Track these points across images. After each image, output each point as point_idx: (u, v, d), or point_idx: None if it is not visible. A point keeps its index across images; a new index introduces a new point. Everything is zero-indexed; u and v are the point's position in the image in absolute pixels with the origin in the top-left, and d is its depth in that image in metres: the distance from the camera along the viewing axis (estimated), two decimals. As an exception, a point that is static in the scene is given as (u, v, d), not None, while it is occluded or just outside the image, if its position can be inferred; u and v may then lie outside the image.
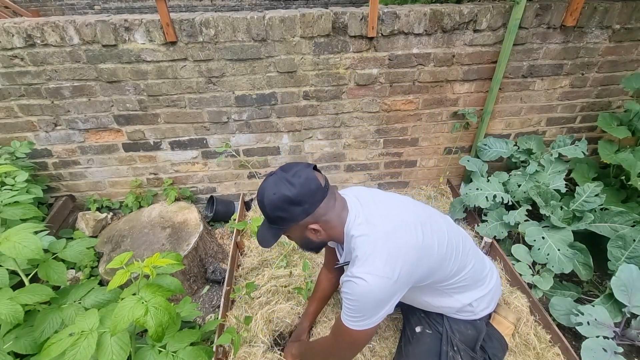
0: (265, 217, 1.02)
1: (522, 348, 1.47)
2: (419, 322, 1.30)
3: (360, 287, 0.93)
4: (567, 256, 1.64)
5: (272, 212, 0.96)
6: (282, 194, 0.93)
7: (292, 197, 0.93)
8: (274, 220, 0.99)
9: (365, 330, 0.99)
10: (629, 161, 1.77)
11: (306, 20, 1.73)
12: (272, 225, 1.01)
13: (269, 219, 1.01)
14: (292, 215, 0.96)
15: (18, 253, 1.00)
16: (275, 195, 0.94)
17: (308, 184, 0.95)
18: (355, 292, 0.94)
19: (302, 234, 1.04)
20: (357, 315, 0.97)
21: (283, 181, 0.94)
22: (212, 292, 1.90)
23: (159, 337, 0.94)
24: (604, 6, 1.82)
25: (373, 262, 0.94)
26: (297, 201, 0.94)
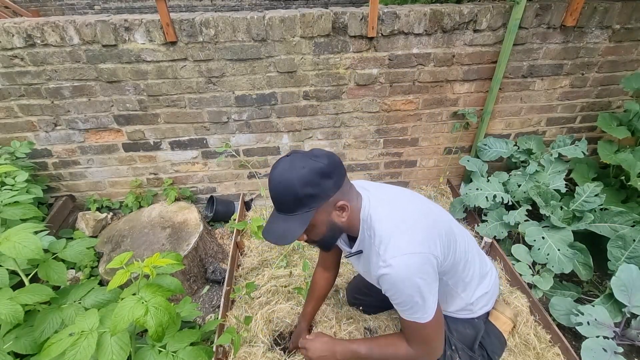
0: (285, 204, 0.87)
1: (522, 348, 1.48)
2: None
3: (401, 272, 0.87)
4: (567, 256, 1.64)
5: (302, 189, 0.83)
6: (312, 166, 0.84)
7: (324, 168, 0.84)
8: (302, 200, 0.85)
9: (437, 314, 0.93)
10: (628, 161, 1.77)
11: (306, 20, 1.73)
12: (296, 213, 0.87)
13: (293, 204, 0.86)
14: (323, 190, 0.86)
15: (18, 253, 1.00)
16: (304, 168, 0.83)
17: (332, 156, 0.88)
18: (397, 280, 0.87)
19: (328, 216, 0.92)
20: (418, 304, 0.90)
21: (306, 157, 0.85)
22: (212, 292, 1.90)
23: (159, 337, 0.94)
24: (604, 6, 1.82)
25: (400, 242, 0.89)
26: (329, 172, 0.85)
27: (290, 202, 0.86)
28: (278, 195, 0.87)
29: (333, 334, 1.54)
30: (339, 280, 1.80)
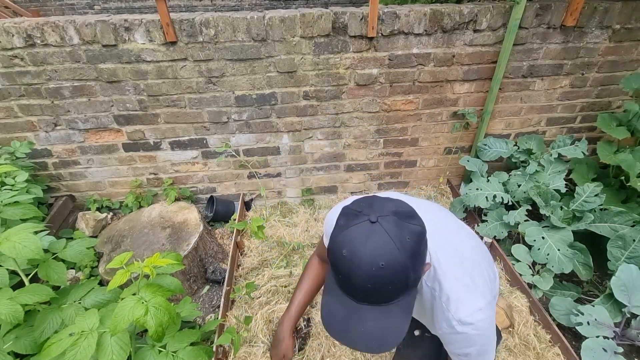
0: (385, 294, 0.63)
1: (522, 348, 1.48)
2: (417, 325, 1.28)
3: (481, 329, 0.76)
4: (567, 256, 1.64)
5: (415, 268, 0.63)
6: (415, 232, 0.64)
7: (424, 231, 0.66)
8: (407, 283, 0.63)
9: None
10: (628, 162, 1.77)
11: (306, 20, 1.73)
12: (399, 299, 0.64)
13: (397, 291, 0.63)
14: (424, 260, 0.67)
15: (18, 253, 1.00)
16: (411, 239, 0.63)
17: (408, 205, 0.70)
18: (478, 338, 0.77)
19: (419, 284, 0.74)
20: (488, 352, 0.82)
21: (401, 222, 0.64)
22: (212, 292, 1.90)
23: (159, 337, 0.94)
24: (604, 6, 1.82)
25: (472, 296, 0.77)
26: (425, 233, 0.67)
27: (395, 289, 0.62)
28: (378, 285, 0.61)
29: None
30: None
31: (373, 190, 2.48)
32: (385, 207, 0.66)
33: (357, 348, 0.65)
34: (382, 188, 2.48)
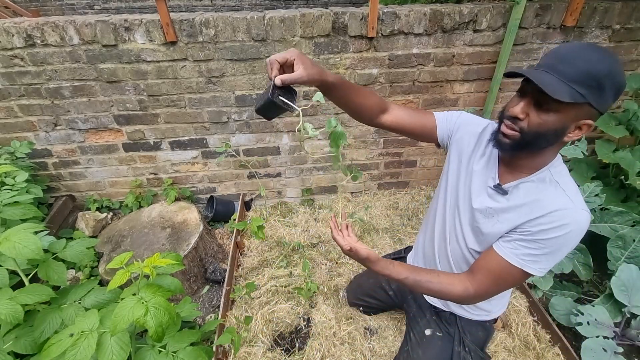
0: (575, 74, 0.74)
1: (522, 348, 1.48)
2: (428, 324, 1.26)
3: (582, 224, 0.82)
4: (567, 256, 1.64)
5: (603, 77, 0.72)
6: (623, 77, 0.75)
7: (622, 86, 0.75)
8: (590, 83, 0.73)
9: None
10: (627, 160, 1.77)
11: (306, 20, 1.73)
12: (573, 85, 0.74)
13: (580, 76, 0.73)
14: (605, 99, 0.75)
15: (18, 253, 1.00)
16: (620, 72, 0.74)
17: None
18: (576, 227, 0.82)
19: (570, 121, 0.78)
20: (553, 257, 0.85)
21: (622, 65, 0.78)
22: (212, 292, 1.90)
23: (159, 337, 0.94)
24: (604, 6, 1.82)
25: (582, 200, 0.85)
26: (619, 93, 0.76)
27: (582, 72, 0.73)
28: (577, 57, 0.74)
29: (332, 334, 1.54)
30: (338, 280, 1.80)
31: (373, 190, 2.48)
32: None
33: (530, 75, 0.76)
34: (382, 188, 2.48)
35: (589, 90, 0.73)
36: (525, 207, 0.89)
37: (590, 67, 0.72)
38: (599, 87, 0.73)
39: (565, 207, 0.83)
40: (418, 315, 1.32)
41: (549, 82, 0.74)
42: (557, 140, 0.82)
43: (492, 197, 0.96)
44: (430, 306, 1.31)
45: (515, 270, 0.89)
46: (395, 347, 1.50)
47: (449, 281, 0.99)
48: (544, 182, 0.88)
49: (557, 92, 0.73)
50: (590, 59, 0.73)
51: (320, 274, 1.85)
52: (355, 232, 2.13)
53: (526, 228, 0.88)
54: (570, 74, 0.74)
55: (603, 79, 0.72)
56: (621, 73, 0.74)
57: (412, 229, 2.17)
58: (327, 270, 1.87)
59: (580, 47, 0.76)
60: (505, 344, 1.49)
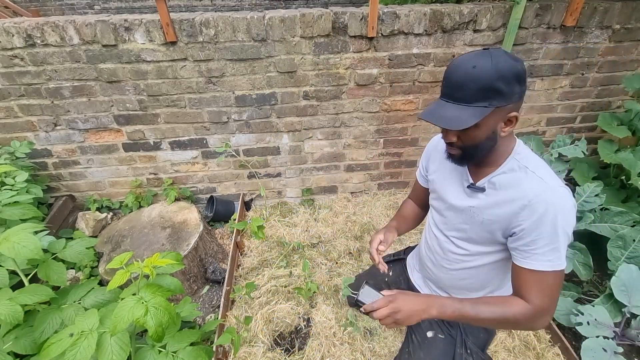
0: (466, 92, 0.81)
1: (522, 348, 1.48)
2: (430, 326, 1.25)
3: (566, 199, 0.83)
4: (567, 256, 1.64)
5: (496, 81, 0.78)
6: (512, 64, 0.79)
7: (521, 72, 0.80)
8: (488, 92, 0.79)
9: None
10: (629, 161, 1.77)
11: (306, 20, 1.73)
12: (473, 104, 0.81)
13: (476, 93, 0.80)
14: (511, 92, 0.81)
15: (17, 253, 1.00)
16: (505, 63, 0.78)
17: (523, 63, 0.83)
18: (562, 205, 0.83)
19: (495, 123, 0.85)
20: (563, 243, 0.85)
21: (507, 56, 0.81)
22: (212, 292, 1.90)
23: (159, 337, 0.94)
24: (604, 6, 1.82)
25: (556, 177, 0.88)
26: (523, 79, 0.82)
27: (475, 90, 0.80)
28: (464, 80, 0.81)
29: (332, 334, 1.54)
30: (338, 280, 1.80)
31: (373, 190, 2.48)
32: (507, 52, 0.83)
33: (432, 121, 0.86)
34: (382, 188, 2.48)
35: (490, 99, 0.81)
36: (504, 199, 0.92)
37: (479, 82, 0.79)
38: (497, 90, 0.80)
39: (542, 191, 0.86)
40: None
41: (451, 117, 0.84)
42: (495, 141, 0.89)
43: (471, 196, 1.01)
44: None
45: (547, 274, 0.88)
46: (395, 347, 1.50)
47: (503, 300, 0.94)
48: (514, 170, 0.92)
49: (461, 123, 0.82)
50: (474, 75, 0.80)
51: (320, 274, 1.85)
52: (355, 232, 2.14)
53: (519, 225, 0.89)
54: (466, 97, 0.82)
55: (495, 83, 0.79)
56: (507, 62, 0.80)
57: (413, 230, 2.16)
58: (327, 270, 1.87)
59: (463, 67, 0.82)
60: (505, 344, 1.49)
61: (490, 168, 0.95)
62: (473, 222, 1.00)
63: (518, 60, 0.82)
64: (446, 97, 0.87)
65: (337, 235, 2.12)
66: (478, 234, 1.01)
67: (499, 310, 0.92)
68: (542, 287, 0.90)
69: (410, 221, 1.34)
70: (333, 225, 2.20)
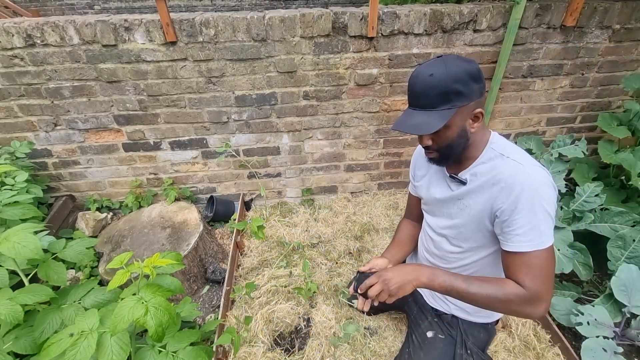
0: (428, 99, 0.89)
1: (522, 348, 1.48)
2: (430, 327, 1.26)
3: (541, 176, 0.89)
4: (567, 256, 1.64)
5: (453, 84, 0.85)
6: (465, 67, 0.86)
7: (474, 71, 0.87)
8: (448, 95, 0.87)
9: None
10: (629, 161, 1.77)
11: (306, 20, 1.73)
12: (437, 108, 0.88)
13: (437, 98, 0.88)
14: (470, 92, 0.88)
15: (17, 253, 1.00)
16: (458, 67, 0.86)
17: (477, 65, 0.90)
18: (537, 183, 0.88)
19: (462, 122, 0.92)
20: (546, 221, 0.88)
21: (458, 59, 0.88)
22: (212, 292, 1.90)
23: (159, 337, 0.94)
24: (604, 6, 1.82)
25: (532, 160, 0.93)
26: (478, 77, 0.88)
27: (435, 96, 0.88)
28: (424, 88, 0.88)
29: (332, 334, 1.54)
30: (338, 280, 1.80)
31: (373, 190, 2.48)
32: (458, 55, 0.92)
33: (401, 129, 0.93)
34: (382, 188, 2.48)
35: (452, 101, 0.88)
36: (487, 186, 0.97)
37: (438, 88, 0.86)
38: (456, 92, 0.86)
39: (517, 171, 0.91)
40: (419, 318, 1.32)
41: (420, 123, 0.91)
42: (467, 138, 0.96)
43: (454, 188, 1.06)
44: (431, 308, 1.31)
45: (534, 254, 0.89)
46: (395, 347, 1.50)
47: (496, 280, 0.95)
48: (492, 159, 0.98)
49: (430, 127, 0.89)
50: (432, 82, 0.87)
51: (320, 274, 1.85)
52: (355, 232, 2.14)
53: (499, 208, 0.93)
54: (430, 103, 0.89)
55: (452, 86, 0.86)
56: (459, 65, 0.86)
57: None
58: (327, 270, 1.87)
59: (421, 77, 0.89)
60: (505, 344, 1.49)
61: (469, 161, 1.02)
62: (462, 215, 1.04)
63: (470, 61, 0.89)
64: (413, 106, 0.94)
65: (337, 235, 2.12)
66: (468, 227, 1.04)
67: (491, 288, 0.92)
68: (529, 269, 0.91)
69: (407, 244, 1.38)
70: (333, 225, 2.20)
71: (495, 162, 0.97)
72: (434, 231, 1.19)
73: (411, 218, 1.41)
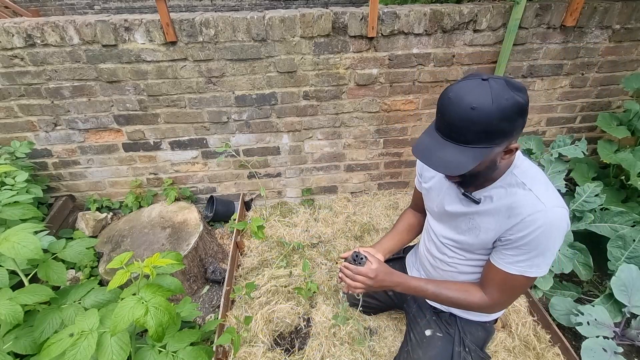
0: (466, 133, 0.74)
1: (522, 348, 1.48)
2: (428, 325, 1.27)
3: (558, 219, 0.83)
4: (567, 256, 1.64)
5: (499, 123, 0.71)
6: (515, 100, 0.71)
7: (524, 105, 0.72)
8: (491, 135, 0.73)
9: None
10: (628, 161, 1.77)
11: (306, 20, 1.73)
12: (474, 146, 0.75)
13: (477, 135, 0.74)
14: (515, 129, 0.75)
15: (17, 253, 1.00)
16: (508, 101, 0.70)
17: (526, 91, 0.75)
18: (552, 226, 0.83)
19: (496, 156, 0.81)
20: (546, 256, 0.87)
21: (508, 88, 0.72)
22: (212, 292, 1.90)
23: (159, 337, 0.94)
24: (604, 6, 1.82)
25: (555, 194, 0.86)
26: (525, 109, 0.74)
27: (476, 132, 0.73)
28: (464, 123, 0.73)
29: (332, 334, 1.54)
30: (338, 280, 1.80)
31: (373, 190, 2.48)
32: (505, 80, 0.75)
33: (427, 163, 0.80)
34: (382, 188, 2.48)
35: (493, 140, 0.74)
36: (500, 212, 0.92)
37: (480, 126, 0.72)
38: (500, 131, 0.73)
39: (537, 210, 0.84)
40: (418, 316, 1.32)
41: (450, 160, 0.77)
42: (495, 168, 0.86)
43: (466, 204, 1.01)
44: (430, 307, 1.31)
45: (516, 277, 0.92)
46: (395, 347, 1.50)
47: (467, 289, 1.05)
48: (512, 185, 0.90)
49: (462, 168, 0.75)
50: (474, 118, 0.72)
51: (320, 274, 1.85)
52: (355, 232, 2.14)
53: (506, 236, 0.91)
54: (466, 140, 0.76)
55: (498, 125, 0.72)
56: (509, 99, 0.71)
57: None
58: (327, 270, 1.87)
59: (461, 107, 0.73)
60: (505, 344, 1.49)
61: (487, 182, 0.95)
62: (468, 231, 1.02)
63: (520, 89, 0.74)
64: (442, 134, 0.79)
65: (337, 235, 2.12)
66: (471, 243, 1.03)
67: (457, 297, 1.05)
68: (506, 287, 0.95)
69: (405, 234, 1.35)
70: (333, 225, 2.20)
71: (515, 190, 0.89)
72: (437, 236, 1.17)
73: (416, 209, 1.38)
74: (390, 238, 1.33)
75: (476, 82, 0.74)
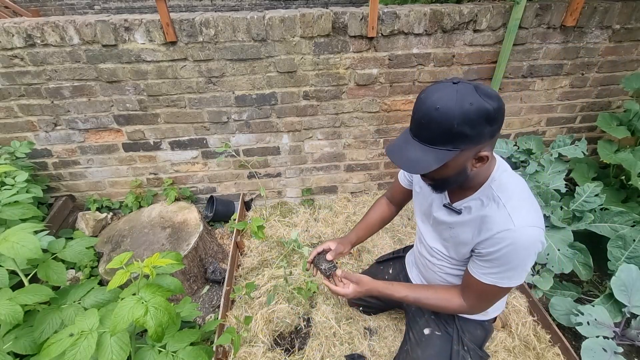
0: (431, 133, 0.77)
1: (522, 348, 1.48)
2: (427, 324, 1.27)
3: (527, 240, 0.84)
4: (567, 256, 1.64)
5: (460, 126, 0.73)
6: (480, 106, 0.72)
7: (490, 112, 0.73)
8: (452, 137, 0.75)
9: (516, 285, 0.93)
10: (628, 161, 1.77)
11: (306, 20, 1.73)
12: (438, 147, 0.77)
13: (440, 136, 0.76)
14: (479, 135, 0.75)
15: (17, 253, 1.00)
16: (472, 105, 0.72)
17: (501, 102, 0.75)
18: (520, 246, 0.85)
19: (464, 162, 0.82)
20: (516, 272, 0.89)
21: (476, 94, 0.73)
22: (212, 292, 1.90)
23: (159, 337, 0.94)
24: (604, 6, 1.82)
25: (530, 213, 0.86)
26: (494, 118, 0.74)
27: (439, 133, 0.76)
28: (428, 122, 0.75)
29: (332, 334, 1.54)
30: (339, 280, 1.80)
31: (373, 190, 2.48)
32: (473, 81, 0.78)
33: (394, 160, 0.84)
34: (383, 188, 2.48)
35: (455, 143, 0.76)
36: (474, 224, 0.95)
37: (442, 126, 0.74)
38: (462, 134, 0.74)
39: (506, 228, 0.86)
40: (417, 315, 1.33)
41: (414, 159, 0.80)
42: (466, 175, 0.87)
43: (449, 214, 1.03)
44: None
45: (491, 287, 0.95)
46: (395, 347, 1.50)
47: (446, 296, 1.09)
48: (489, 199, 0.92)
49: (423, 168, 0.78)
50: (436, 118, 0.74)
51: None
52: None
53: (478, 249, 0.94)
54: (430, 139, 0.78)
55: (459, 127, 0.73)
56: (474, 103, 0.72)
57: (412, 229, 2.17)
58: (327, 270, 1.87)
59: (427, 106, 0.75)
60: (505, 344, 1.49)
61: (468, 191, 0.97)
62: (453, 240, 1.05)
63: (491, 96, 0.74)
64: (412, 133, 0.83)
65: (337, 235, 2.12)
66: (455, 253, 1.07)
67: (436, 302, 1.10)
68: (482, 294, 1.00)
69: (375, 226, 1.40)
70: (333, 225, 2.20)
71: (490, 205, 0.91)
72: (426, 240, 1.20)
73: (391, 200, 1.39)
74: (361, 229, 1.38)
75: (447, 84, 0.77)
